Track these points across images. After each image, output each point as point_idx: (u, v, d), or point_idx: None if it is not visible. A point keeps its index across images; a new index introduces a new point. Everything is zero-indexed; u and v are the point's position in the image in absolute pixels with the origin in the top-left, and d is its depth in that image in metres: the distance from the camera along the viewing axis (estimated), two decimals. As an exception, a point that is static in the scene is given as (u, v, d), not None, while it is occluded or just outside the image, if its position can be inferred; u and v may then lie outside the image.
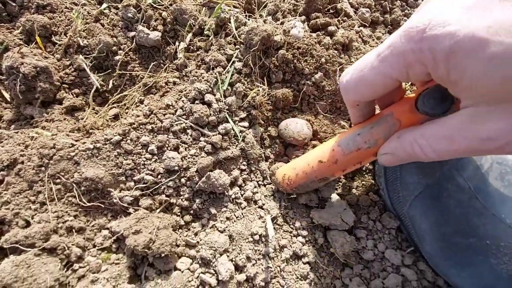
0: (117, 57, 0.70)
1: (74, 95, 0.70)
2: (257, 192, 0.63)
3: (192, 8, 0.71)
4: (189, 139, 0.61)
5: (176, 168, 0.58)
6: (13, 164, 0.56)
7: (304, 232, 0.61)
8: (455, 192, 0.56)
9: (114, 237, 0.54)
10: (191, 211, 0.60)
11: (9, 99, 0.71)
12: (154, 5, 0.72)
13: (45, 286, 0.48)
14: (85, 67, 0.67)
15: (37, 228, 0.51)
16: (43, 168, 0.56)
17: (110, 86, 0.71)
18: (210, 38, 0.69)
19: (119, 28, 0.72)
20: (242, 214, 0.60)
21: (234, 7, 0.75)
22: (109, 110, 0.69)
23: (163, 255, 0.52)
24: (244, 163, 0.64)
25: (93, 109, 0.72)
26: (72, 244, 0.54)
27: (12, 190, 0.55)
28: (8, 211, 0.53)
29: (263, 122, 0.68)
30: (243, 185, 0.63)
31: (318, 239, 0.61)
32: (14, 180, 0.55)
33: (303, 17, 0.74)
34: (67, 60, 0.70)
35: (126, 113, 0.70)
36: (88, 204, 0.56)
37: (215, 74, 0.65)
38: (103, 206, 0.57)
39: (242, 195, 0.62)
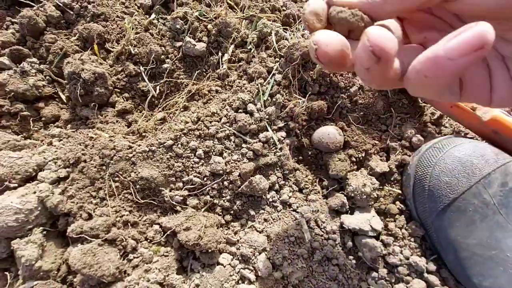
0: (165, 65, 0.76)
1: (125, 99, 0.77)
2: (292, 197, 0.68)
3: (235, 21, 0.76)
4: (232, 145, 0.66)
5: (221, 171, 0.63)
6: (77, 162, 0.62)
7: (334, 236, 0.66)
8: (480, 207, 0.60)
9: (167, 232, 0.60)
10: (231, 212, 0.66)
11: (65, 100, 0.77)
12: (200, 18, 0.77)
13: (108, 273, 0.54)
14: (143, 75, 0.73)
15: (101, 221, 0.57)
16: (104, 167, 0.62)
17: (157, 92, 0.76)
18: (252, 51, 0.74)
19: (167, 38, 0.78)
20: (278, 216, 0.66)
21: (274, 21, 0.80)
22: (157, 114, 0.75)
23: (210, 250, 0.58)
24: (281, 169, 0.69)
25: (141, 112, 0.78)
26: (128, 237, 0.60)
27: (76, 186, 0.61)
28: (73, 204, 0.60)
29: (298, 132, 0.72)
30: (279, 189, 0.68)
31: (347, 243, 0.66)
32: (78, 176, 0.62)
33: (338, 33, 0.78)
34: (119, 67, 0.76)
35: (171, 118, 0.75)
36: (142, 201, 0.62)
37: (257, 85, 0.70)
38: (155, 203, 0.63)
39: (278, 198, 0.67)
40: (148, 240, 0.62)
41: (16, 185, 0.59)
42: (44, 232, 0.59)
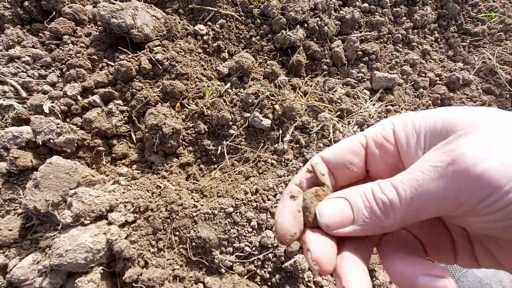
0: (231, 131, 0.86)
1: (188, 152, 0.85)
2: (324, 278, 0.74)
3: (299, 107, 0.87)
4: (282, 221, 0.73)
5: (270, 245, 0.70)
6: (145, 210, 0.69)
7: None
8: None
9: (212, 294, 0.65)
10: (269, 283, 0.71)
11: (135, 141, 0.85)
12: (270, 97, 0.88)
13: (157, 327, 0.58)
14: (224, 153, 0.82)
15: (158, 274, 0.62)
16: (169, 220, 0.68)
17: (218, 152, 0.85)
18: (312, 137, 0.85)
19: (237, 107, 0.88)
20: (310, 297, 0.71)
21: (329, 111, 0.92)
22: (214, 172, 0.83)
23: (250, 322, 0.62)
24: (318, 251, 0.75)
25: (199, 165, 0.86)
26: (176, 291, 0.64)
27: (140, 232, 0.67)
28: (135, 250, 0.65)
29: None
30: (314, 270, 0.74)
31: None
32: (143, 224, 0.68)
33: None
34: (191, 123, 0.86)
35: (224, 177, 0.83)
36: (194, 258, 0.68)
37: (311, 170, 0.79)
38: (204, 262, 0.68)
39: (312, 279, 0.72)
40: (191, 297, 0.66)
41: (89, 222, 0.65)
42: (102, 271, 0.63)
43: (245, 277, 0.69)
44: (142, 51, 0.90)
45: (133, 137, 0.85)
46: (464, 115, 0.26)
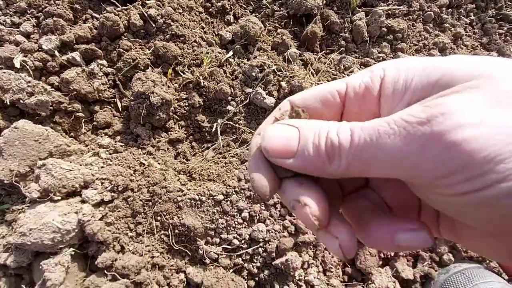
0: (229, 107, 0.76)
1: (180, 126, 0.75)
2: (316, 278, 0.68)
3: (309, 87, 0.77)
4: (277, 213, 0.66)
5: (261, 240, 0.63)
6: (124, 189, 0.61)
7: (346, 329, 0.66)
8: None
9: (192, 285, 0.59)
10: (256, 278, 0.65)
11: (120, 109, 0.76)
12: (277, 72, 0.77)
13: (128, 319, 0.53)
14: (218, 132, 0.72)
15: (134, 262, 0.56)
16: (150, 203, 0.60)
17: (213, 130, 0.76)
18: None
19: (239, 81, 0.77)
20: (299, 296, 0.66)
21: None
22: (207, 152, 0.74)
23: (231, 320, 0.57)
24: (314, 248, 0.69)
25: (191, 143, 0.77)
26: (153, 279, 0.59)
27: (117, 214, 0.60)
28: (110, 233, 0.58)
29: (338, 214, 0.73)
30: (307, 267, 0.68)
31: None
32: (122, 204, 0.60)
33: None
34: (185, 94, 0.75)
35: (218, 158, 0.75)
36: (176, 246, 0.61)
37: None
38: (187, 251, 0.62)
39: (304, 277, 0.67)
40: None
41: (59, 198, 0.57)
42: (72, 253, 0.57)
43: (231, 270, 0.64)
44: (133, 3, 0.77)
45: (118, 104, 0.75)
46: (467, 65, 0.20)
